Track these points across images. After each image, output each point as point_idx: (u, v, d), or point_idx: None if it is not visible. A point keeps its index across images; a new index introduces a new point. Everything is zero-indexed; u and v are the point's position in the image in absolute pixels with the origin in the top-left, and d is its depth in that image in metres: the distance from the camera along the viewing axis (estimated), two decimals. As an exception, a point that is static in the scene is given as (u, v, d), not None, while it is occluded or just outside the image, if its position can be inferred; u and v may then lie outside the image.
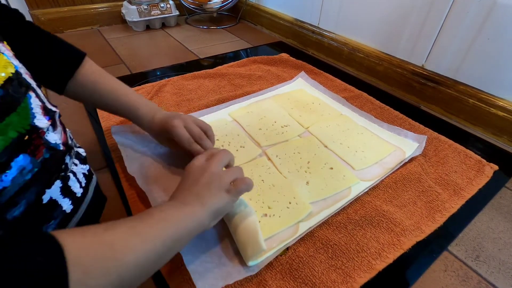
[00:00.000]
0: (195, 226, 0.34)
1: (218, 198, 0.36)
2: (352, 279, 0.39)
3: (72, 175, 0.37)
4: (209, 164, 0.39)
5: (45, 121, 0.32)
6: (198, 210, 0.35)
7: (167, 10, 1.21)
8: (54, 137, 0.34)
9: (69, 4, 1.14)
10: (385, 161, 0.58)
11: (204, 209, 0.35)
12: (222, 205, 0.37)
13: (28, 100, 0.30)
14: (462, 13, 0.69)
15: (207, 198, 0.36)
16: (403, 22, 0.82)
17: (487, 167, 0.58)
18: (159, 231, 0.31)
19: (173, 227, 0.32)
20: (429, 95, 0.81)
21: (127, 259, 0.26)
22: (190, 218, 0.34)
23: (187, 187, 0.38)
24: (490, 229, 0.49)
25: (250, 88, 0.81)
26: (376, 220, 0.46)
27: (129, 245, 0.27)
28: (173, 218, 0.33)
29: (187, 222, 0.33)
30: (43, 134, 0.32)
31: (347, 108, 0.74)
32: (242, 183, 0.39)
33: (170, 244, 0.31)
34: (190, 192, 0.37)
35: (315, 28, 1.08)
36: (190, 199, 0.36)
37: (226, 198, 0.37)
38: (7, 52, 0.31)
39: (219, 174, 0.38)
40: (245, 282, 0.38)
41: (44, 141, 0.32)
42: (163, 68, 0.93)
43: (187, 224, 0.33)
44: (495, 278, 0.42)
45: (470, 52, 0.71)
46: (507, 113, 0.68)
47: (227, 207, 0.38)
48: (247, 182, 0.39)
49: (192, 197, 0.36)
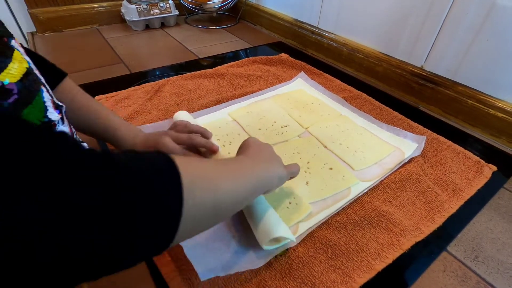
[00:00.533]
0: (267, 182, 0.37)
1: (282, 169, 0.41)
2: (351, 279, 0.39)
3: None
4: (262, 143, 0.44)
5: (56, 114, 0.34)
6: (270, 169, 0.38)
7: (167, 10, 1.21)
8: (63, 129, 0.35)
9: (68, 3, 1.14)
10: (384, 162, 0.58)
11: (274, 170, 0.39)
12: (284, 175, 0.40)
13: (41, 94, 0.32)
14: (461, 14, 0.70)
15: (273, 163, 0.40)
16: (403, 23, 0.82)
17: (486, 168, 0.59)
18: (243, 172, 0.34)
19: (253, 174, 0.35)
20: (428, 96, 0.82)
21: (220, 184, 0.28)
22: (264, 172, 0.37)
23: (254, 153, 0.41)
24: (489, 229, 0.49)
25: (250, 88, 0.81)
26: (376, 220, 0.47)
27: (222, 174, 0.30)
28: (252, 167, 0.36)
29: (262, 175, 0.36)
30: (55, 126, 0.34)
31: (346, 108, 0.74)
32: (294, 166, 0.44)
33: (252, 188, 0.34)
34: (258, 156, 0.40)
35: (315, 29, 1.08)
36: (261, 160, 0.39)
37: (285, 171, 0.41)
38: (20, 49, 0.32)
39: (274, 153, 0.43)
40: (244, 282, 0.38)
41: None
42: (163, 68, 0.92)
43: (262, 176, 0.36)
44: (494, 278, 0.42)
45: (469, 53, 0.71)
46: (506, 114, 0.68)
47: (283, 180, 0.41)
48: (298, 167, 0.44)
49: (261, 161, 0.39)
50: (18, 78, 0.29)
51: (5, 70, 0.28)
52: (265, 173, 0.37)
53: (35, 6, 1.08)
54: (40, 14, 1.08)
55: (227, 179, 0.30)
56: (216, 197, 0.27)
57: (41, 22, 1.09)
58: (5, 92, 0.27)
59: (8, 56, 0.29)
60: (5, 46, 0.30)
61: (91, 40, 1.10)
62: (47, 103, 0.33)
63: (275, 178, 0.38)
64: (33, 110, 0.30)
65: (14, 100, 0.28)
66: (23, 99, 0.29)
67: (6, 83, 0.27)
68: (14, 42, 0.32)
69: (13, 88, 0.28)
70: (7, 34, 0.31)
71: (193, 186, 0.25)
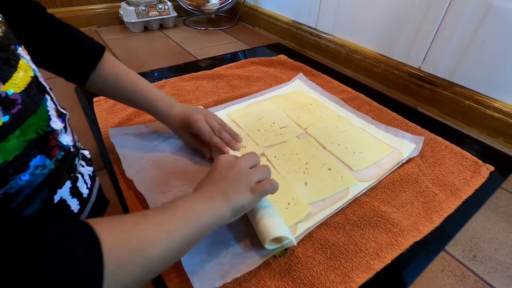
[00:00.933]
0: (217, 221, 0.35)
1: (243, 196, 0.37)
2: (350, 279, 0.39)
3: (80, 176, 0.38)
4: (238, 160, 0.41)
5: (59, 123, 0.34)
6: (222, 205, 0.36)
7: (165, 12, 1.21)
8: (66, 138, 0.35)
9: (66, 5, 1.14)
10: (382, 162, 0.58)
11: (228, 205, 0.36)
12: (246, 204, 0.38)
13: (45, 102, 0.32)
14: (458, 16, 0.70)
15: (232, 194, 0.37)
16: (400, 24, 0.83)
17: (483, 168, 0.59)
18: (184, 224, 0.32)
19: (198, 220, 0.33)
20: (425, 97, 0.82)
21: (155, 254, 0.27)
22: (213, 213, 0.35)
23: (214, 180, 0.39)
24: (487, 229, 0.50)
25: (248, 89, 0.81)
26: (374, 220, 0.47)
27: (157, 241, 0.28)
28: (198, 211, 0.34)
29: (211, 216, 0.34)
30: (57, 135, 0.33)
31: (344, 109, 0.74)
32: (267, 184, 0.39)
33: (193, 236, 0.32)
34: (216, 186, 0.38)
35: (313, 30, 1.09)
36: (216, 194, 0.36)
37: (250, 197, 0.38)
38: (26, 56, 0.32)
39: (247, 172, 0.40)
40: (243, 283, 0.38)
41: (58, 143, 0.33)
42: (161, 69, 0.92)
43: (210, 218, 0.34)
44: (492, 278, 0.43)
45: (466, 54, 0.72)
46: (503, 114, 0.69)
47: (249, 206, 0.39)
48: (272, 183, 0.39)
49: (218, 192, 0.37)
50: (22, 88, 0.28)
51: (9, 80, 0.27)
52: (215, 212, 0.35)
53: (33, 7, 1.08)
54: (38, 15, 1.08)
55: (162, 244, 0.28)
56: (147, 267, 0.27)
57: (39, 24, 1.09)
58: (9, 102, 0.27)
59: (14, 65, 0.29)
60: (11, 55, 0.29)
61: (89, 42, 1.10)
62: (51, 112, 0.32)
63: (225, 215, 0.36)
64: (36, 119, 0.30)
65: (17, 111, 0.27)
66: (26, 109, 0.28)
67: (10, 93, 0.27)
68: (20, 50, 0.31)
69: (17, 98, 0.28)
70: (14, 42, 0.30)
71: (119, 270, 0.24)
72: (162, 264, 0.29)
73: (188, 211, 0.33)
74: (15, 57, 0.29)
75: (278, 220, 0.41)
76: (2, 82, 0.26)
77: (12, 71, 0.28)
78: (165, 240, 0.29)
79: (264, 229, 0.40)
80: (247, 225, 0.44)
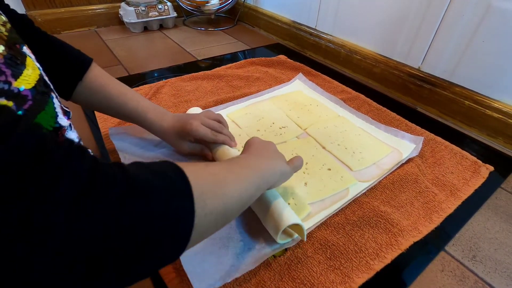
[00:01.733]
0: (270, 178, 0.38)
1: (284, 164, 0.42)
2: (350, 279, 0.39)
3: None
4: (268, 142, 0.46)
5: (65, 120, 0.34)
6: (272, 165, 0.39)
7: (165, 12, 1.21)
8: (72, 135, 0.36)
9: (66, 5, 1.14)
10: (382, 162, 0.58)
11: (276, 167, 0.39)
12: (287, 171, 0.41)
13: (52, 100, 0.33)
14: (458, 16, 0.70)
15: (276, 160, 0.41)
16: (400, 25, 0.83)
17: (483, 168, 0.59)
18: (247, 173, 0.34)
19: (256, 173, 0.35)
20: (425, 97, 0.82)
21: (228, 190, 0.29)
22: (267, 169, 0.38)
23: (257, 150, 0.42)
24: (486, 229, 0.50)
25: (248, 89, 0.81)
26: (374, 220, 0.47)
27: (229, 179, 0.31)
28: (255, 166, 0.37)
29: (266, 172, 0.37)
30: (65, 132, 0.34)
31: (344, 109, 0.74)
32: (297, 160, 0.45)
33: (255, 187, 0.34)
34: (262, 154, 0.42)
35: (313, 30, 1.09)
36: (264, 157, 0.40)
37: (288, 167, 0.42)
38: (31, 55, 0.32)
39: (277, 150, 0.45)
40: (243, 283, 0.38)
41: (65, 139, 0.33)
42: (161, 70, 0.93)
43: (265, 173, 0.37)
44: (492, 278, 0.43)
45: (466, 54, 0.72)
46: (502, 114, 0.69)
47: (287, 175, 0.42)
48: (301, 160, 0.45)
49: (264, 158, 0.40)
50: (32, 85, 0.29)
51: (20, 76, 0.28)
52: (268, 169, 0.38)
53: (33, 8, 1.08)
54: (38, 16, 1.08)
55: (233, 183, 0.31)
56: (225, 203, 0.28)
57: (39, 24, 1.09)
58: (21, 98, 0.28)
59: (22, 63, 0.29)
60: (18, 53, 0.30)
61: (89, 42, 1.10)
62: (57, 109, 0.33)
63: (277, 173, 0.39)
64: (45, 116, 0.30)
65: (29, 107, 0.28)
66: (37, 105, 0.29)
67: (22, 89, 0.28)
68: (25, 49, 0.31)
69: (28, 95, 0.28)
70: (19, 41, 0.31)
71: (204, 196, 0.26)
72: (236, 202, 0.30)
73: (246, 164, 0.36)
74: (22, 55, 0.30)
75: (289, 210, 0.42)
76: (14, 78, 0.27)
77: (22, 68, 0.29)
78: (235, 180, 0.31)
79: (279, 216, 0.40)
80: (247, 225, 0.45)
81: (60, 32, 1.15)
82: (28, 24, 0.44)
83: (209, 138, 0.52)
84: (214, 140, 0.52)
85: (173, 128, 0.52)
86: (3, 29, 0.29)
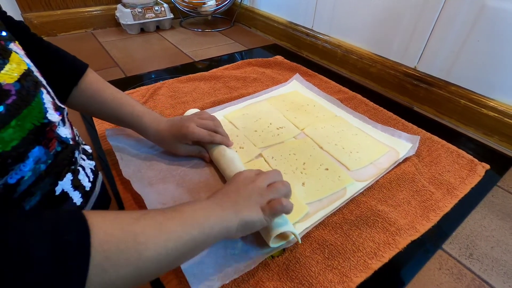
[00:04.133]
0: (223, 232, 0.34)
1: (253, 213, 0.36)
2: (348, 278, 0.39)
3: (81, 169, 0.39)
4: (257, 177, 0.41)
5: (56, 116, 0.34)
6: (231, 216, 0.35)
7: (162, 13, 1.21)
8: (64, 131, 0.36)
9: (62, 7, 1.13)
10: (379, 162, 0.59)
11: (237, 217, 0.35)
12: (255, 220, 0.36)
13: (41, 95, 0.32)
14: (452, 16, 0.71)
15: (243, 208, 0.36)
16: (396, 24, 0.83)
17: (479, 166, 0.59)
18: (185, 230, 0.30)
19: (201, 228, 0.32)
20: (421, 96, 0.83)
21: (149, 254, 0.26)
22: (220, 222, 0.34)
23: (228, 192, 0.39)
24: (483, 227, 0.50)
25: (245, 90, 0.81)
26: (372, 220, 0.47)
27: (153, 241, 0.27)
28: (203, 219, 0.33)
29: (217, 225, 0.33)
30: (55, 128, 0.34)
31: (341, 109, 0.75)
32: (277, 203, 0.37)
33: (193, 243, 0.31)
34: (229, 198, 0.37)
35: (309, 31, 1.09)
36: (227, 205, 0.36)
37: (260, 215, 0.37)
38: (19, 51, 0.33)
39: (262, 190, 0.39)
40: (241, 283, 0.38)
41: (56, 135, 0.34)
42: (158, 71, 0.92)
43: (215, 227, 0.33)
44: (488, 275, 0.43)
45: (461, 54, 0.72)
46: (498, 113, 0.69)
47: (258, 224, 0.37)
48: (283, 202, 0.37)
49: (230, 203, 0.36)
50: (15, 79, 0.29)
51: (1, 71, 0.28)
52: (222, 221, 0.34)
53: (29, 10, 1.07)
54: (34, 18, 1.08)
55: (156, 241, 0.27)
56: (139, 267, 0.26)
57: (35, 27, 1.08)
58: (3, 93, 0.28)
59: (5, 58, 0.29)
60: (1, 49, 0.30)
61: (86, 44, 1.10)
62: (47, 105, 0.33)
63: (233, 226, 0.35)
64: (32, 111, 0.30)
65: (12, 101, 0.28)
66: (22, 100, 0.29)
67: (3, 84, 0.28)
68: (13, 45, 0.32)
69: (10, 89, 0.28)
70: (5, 38, 0.31)
71: (107, 263, 0.23)
72: (155, 267, 0.28)
73: (192, 217, 0.32)
74: (5, 51, 0.30)
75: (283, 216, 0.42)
76: None
77: (3, 63, 0.29)
78: (162, 241, 0.28)
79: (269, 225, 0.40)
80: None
81: (56, 34, 1.14)
82: (23, 31, 0.43)
83: (206, 139, 0.52)
84: (211, 140, 0.52)
85: (169, 132, 0.52)
86: None
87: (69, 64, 0.47)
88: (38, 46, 0.45)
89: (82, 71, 0.48)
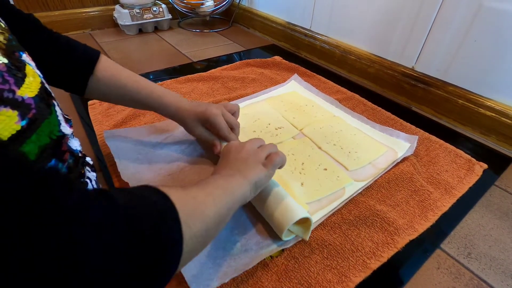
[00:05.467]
0: (241, 195, 0.37)
1: (257, 171, 0.40)
2: (347, 278, 0.39)
3: (89, 181, 0.39)
4: (245, 143, 0.44)
5: (68, 128, 0.34)
6: (241, 181, 0.38)
7: (160, 14, 1.21)
8: (74, 143, 0.36)
9: (60, 8, 1.13)
10: (378, 162, 0.59)
11: (246, 180, 0.38)
12: (262, 177, 0.40)
13: (54, 108, 0.32)
14: (450, 16, 0.71)
15: (247, 171, 0.39)
16: (393, 25, 0.84)
17: (477, 166, 0.60)
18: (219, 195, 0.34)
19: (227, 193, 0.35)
20: (419, 96, 0.83)
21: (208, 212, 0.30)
22: (237, 187, 0.37)
23: (228, 163, 0.41)
24: (481, 226, 0.50)
25: (244, 91, 0.81)
26: (370, 219, 0.47)
27: (207, 202, 0.31)
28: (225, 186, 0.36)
29: (236, 190, 0.36)
30: (67, 140, 0.34)
31: (339, 109, 0.75)
32: (276, 156, 0.42)
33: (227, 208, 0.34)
34: (231, 167, 0.40)
35: (307, 31, 1.09)
36: (233, 172, 0.39)
37: (263, 170, 0.40)
38: (31, 63, 0.32)
39: (255, 150, 0.43)
40: (240, 283, 0.38)
41: (68, 147, 0.34)
42: (157, 72, 0.92)
43: (236, 192, 0.36)
44: (486, 274, 0.43)
45: (458, 54, 0.73)
46: (495, 113, 0.70)
47: (265, 179, 0.41)
48: (280, 155, 0.43)
49: (234, 171, 0.39)
50: (35, 93, 0.29)
51: (23, 84, 0.27)
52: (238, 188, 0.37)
53: (26, 10, 1.06)
54: (32, 19, 1.08)
55: (210, 205, 0.31)
56: (206, 223, 0.29)
57: (33, 27, 1.08)
58: (25, 107, 0.27)
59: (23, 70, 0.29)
60: (17, 61, 0.29)
61: (83, 45, 1.09)
62: (59, 117, 0.33)
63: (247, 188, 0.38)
64: (49, 124, 0.30)
65: (32, 115, 0.28)
66: (40, 113, 0.29)
67: (25, 98, 0.27)
68: (25, 56, 0.31)
69: (31, 103, 0.28)
70: (18, 48, 0.30)
71: (189, 220, 0.26)
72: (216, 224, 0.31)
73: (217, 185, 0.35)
74: (21, 63, 0.29)
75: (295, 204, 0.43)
76: (17, 86, 0.27)
77: (24, 76, 0.28)
78: (212, 202, 0.31)
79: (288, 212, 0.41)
80: (243, 227, 0.45)
81: (54, 35, 1.14)
82: (33, 24, 0.43)
83: (222, 133, 0.52)
84: (226, 137, 0.52)
85: (193, 111, 0.52)
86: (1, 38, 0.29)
87: (82, 54, 0.47)
88: (48, 39, 0.44)
89: (95, 59, 0.47)
